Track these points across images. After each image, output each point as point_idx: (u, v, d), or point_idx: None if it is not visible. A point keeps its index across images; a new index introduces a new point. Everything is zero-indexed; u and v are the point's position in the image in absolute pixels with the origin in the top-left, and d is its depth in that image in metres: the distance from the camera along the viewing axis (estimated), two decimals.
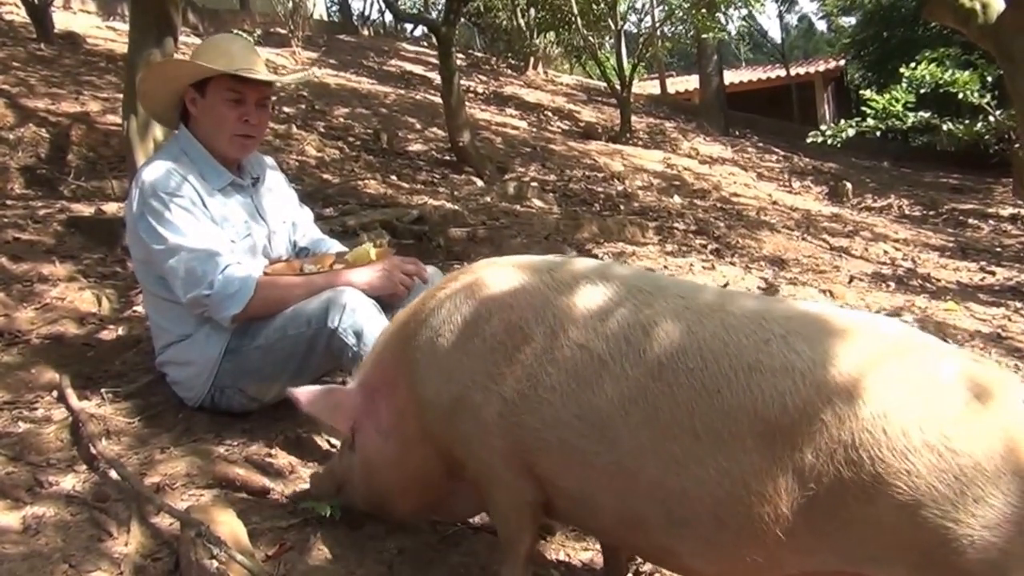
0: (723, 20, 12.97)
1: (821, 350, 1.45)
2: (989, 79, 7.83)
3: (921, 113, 7.76)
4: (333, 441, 2.46)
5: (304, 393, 1.91)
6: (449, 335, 1.74)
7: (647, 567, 2.06)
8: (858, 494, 1.37)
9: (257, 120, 2.48)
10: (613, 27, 11.77)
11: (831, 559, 1.45)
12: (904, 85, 7.67)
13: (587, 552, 2.13)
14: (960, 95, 7.68)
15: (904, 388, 1.39)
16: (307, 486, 2.18)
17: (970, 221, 9.25)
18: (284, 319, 2.34)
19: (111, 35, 8.67)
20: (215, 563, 1.70)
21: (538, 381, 1.62)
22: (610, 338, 1.59)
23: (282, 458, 2.32)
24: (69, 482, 2.07)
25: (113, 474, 2.07)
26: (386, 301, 2.40)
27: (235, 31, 9.16)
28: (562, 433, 1.61)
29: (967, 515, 1.31)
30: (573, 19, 11.93)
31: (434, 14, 15.49)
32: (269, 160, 2.75)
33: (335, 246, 2.77)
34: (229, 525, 1.84)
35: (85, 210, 4.14)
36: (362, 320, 2.23)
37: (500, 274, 1.78)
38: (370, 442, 1.88)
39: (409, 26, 18.32)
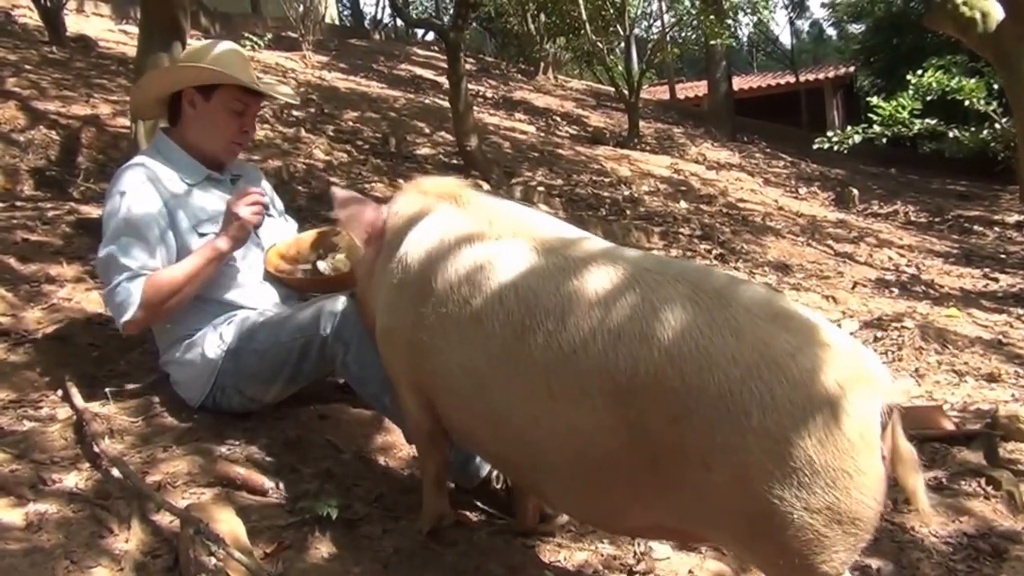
0: (732, 26, 12.97)
1: (684, 320, 1.48)
2: (996, 87, 7.81)
3: (928, 120, 7.75)
4: (334, 441, 2.49)
5: (342, 196, 2.16)
6: (400, 270, 1.91)
7: (641, 567, 2.08)
8: (697, 461, 1.43)
9: (252, 130, 2.62)
10: (622, 33, 11.80)
11: (670, 518, 1.57)
12: (911, 92, 7.66)
13: (582, 552, 2.15)
14: (967, 102, 7.66)
15: (753, 365, 1.41)
16: (308, 486, 2.21)
17: (975, 228, 9.22)
18: (279, 325, 2.39)
19: (123, 38, 8.71)
20: (213, 560, 1.73)
21: (435, 331, 1.79)
22: (487, 297, 1.71)
23: (283, 458, 2.34)
24: (72, 480, 2.10)
25: (115, 472, 2.10)
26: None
27: (246, 35, 9.23)
28: (447, 380, 1.81)
29: (791, 495, 1.37)
30: (582, 24, 11.95)
31: (445, 19, 15.54)
32: (252, 168, 2.86)
33: None
34: (228, 523, 1.87)
35: (93, 212, 4.17)
36: (353, 327, 2.27)
37: (441, 222, 1.92)
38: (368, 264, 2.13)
39: (419, 31, 18.41)
